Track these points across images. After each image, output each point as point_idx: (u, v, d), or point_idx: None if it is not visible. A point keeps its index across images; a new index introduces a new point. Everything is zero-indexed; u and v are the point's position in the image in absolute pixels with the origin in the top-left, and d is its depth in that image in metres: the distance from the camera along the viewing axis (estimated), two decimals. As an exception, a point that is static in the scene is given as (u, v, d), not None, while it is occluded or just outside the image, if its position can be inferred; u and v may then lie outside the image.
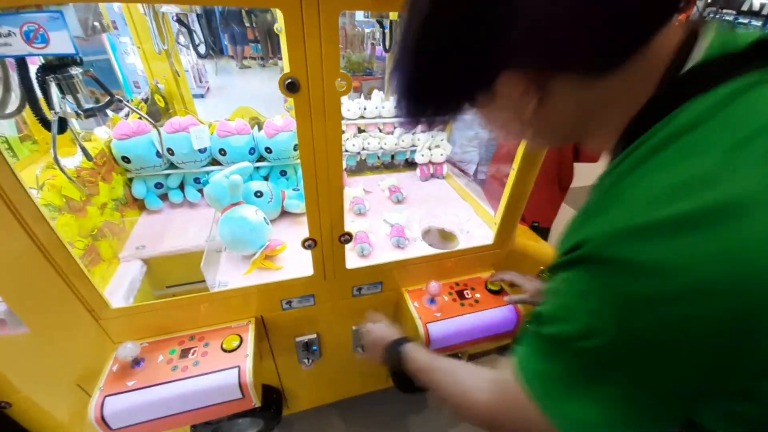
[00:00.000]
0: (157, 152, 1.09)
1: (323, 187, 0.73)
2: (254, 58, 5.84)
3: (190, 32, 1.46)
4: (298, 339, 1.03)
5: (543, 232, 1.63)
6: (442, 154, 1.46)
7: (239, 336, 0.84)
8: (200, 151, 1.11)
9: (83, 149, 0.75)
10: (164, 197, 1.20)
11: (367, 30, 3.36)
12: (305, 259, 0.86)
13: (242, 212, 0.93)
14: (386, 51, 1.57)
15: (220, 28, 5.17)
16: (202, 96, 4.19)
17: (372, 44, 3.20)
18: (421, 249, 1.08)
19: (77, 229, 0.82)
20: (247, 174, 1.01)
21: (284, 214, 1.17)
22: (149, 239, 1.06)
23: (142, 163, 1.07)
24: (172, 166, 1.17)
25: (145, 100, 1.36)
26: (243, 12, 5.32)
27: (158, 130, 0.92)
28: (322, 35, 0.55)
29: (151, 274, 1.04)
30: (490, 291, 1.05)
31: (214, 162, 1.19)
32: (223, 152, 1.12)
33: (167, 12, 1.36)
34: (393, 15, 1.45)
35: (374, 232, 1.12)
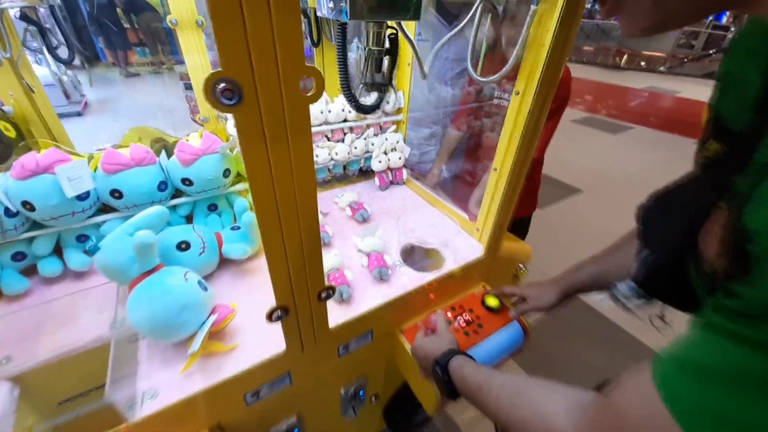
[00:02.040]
0: (6, 210, 0.72)
1: (293, 238, 0.50)
2: (143, 64, 4.96)
3: (43, 32, 1.05)
4: (274, 431, 0.78)
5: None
6: (400, 158, 1.29)
7: (190, 469, 0.57)
8: (79, 198, 0.76)
9: None
10: (31, 271, 0.82)
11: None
12: (264, 320, 0.61)
13: (165, 283, 0.63)
14: (314, 45, 1.35)
15: (90, 30, 4.24)
16: (78, 114, 3.39)
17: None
18: (406, 277, 0.90)
19: None
20: (162, 222, 0.71)
21: (224, 262, 0.89)
22: (16, 343, 0.70)
23: (-22, 230, 0.69)
24: (36, 224, 0.79)
25: (-22, 131, 0.93)
26: (119, 11, 4.46)
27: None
28: (274, 4, 0.33)
29: (30, 394, 0.68)
30: (489, 309, 0.93)
31: (107, 208, 0.85)
32: (117, 194, 0.79)
33: (7, 8, 0.97)
34: (312, 1, 1.23)
35: (349, 265, 0.90)
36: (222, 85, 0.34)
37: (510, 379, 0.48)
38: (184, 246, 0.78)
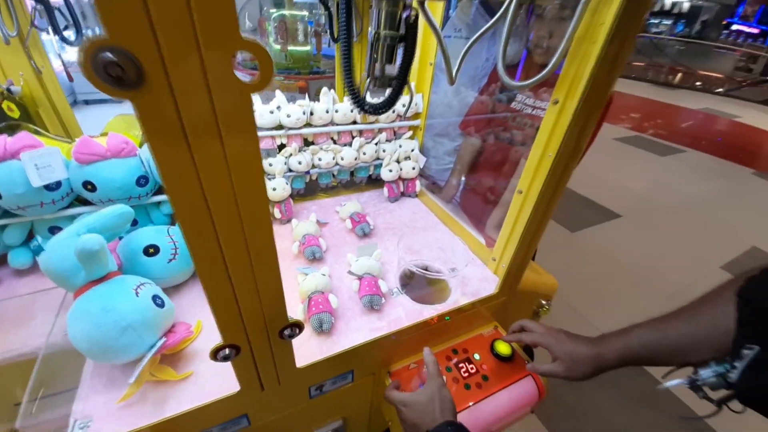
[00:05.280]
0: (-29, 194, 0.67)
1: (239, 265, 0.39)
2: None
3: (50, 10, 1.02)
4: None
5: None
6: (414, 168, 1.17)
7: None
8: (49, 188, 0.70)
9: None
10: (1, 261, 0.77)
11: (310, 26, 3.01)
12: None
13: (107, 298, 0.54)
14: (334, 41, 1.25)
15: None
16: (115, 100, 3.50)
17: (316, 35, 2.80)
18: (402, 308, 0.77)
19: None
20: (124, 223, 0.63)
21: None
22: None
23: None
24: (8, 213, 0.74)
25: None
26: None
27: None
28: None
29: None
30: (499, 357, 0.78)
31: (82, 200, 0.78)
32: (90, 187, 0.72)
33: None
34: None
35: (337, 288, 0.79)
36: (105, 55, 0.23)
37: None
38: (152, 251, 0.69)
